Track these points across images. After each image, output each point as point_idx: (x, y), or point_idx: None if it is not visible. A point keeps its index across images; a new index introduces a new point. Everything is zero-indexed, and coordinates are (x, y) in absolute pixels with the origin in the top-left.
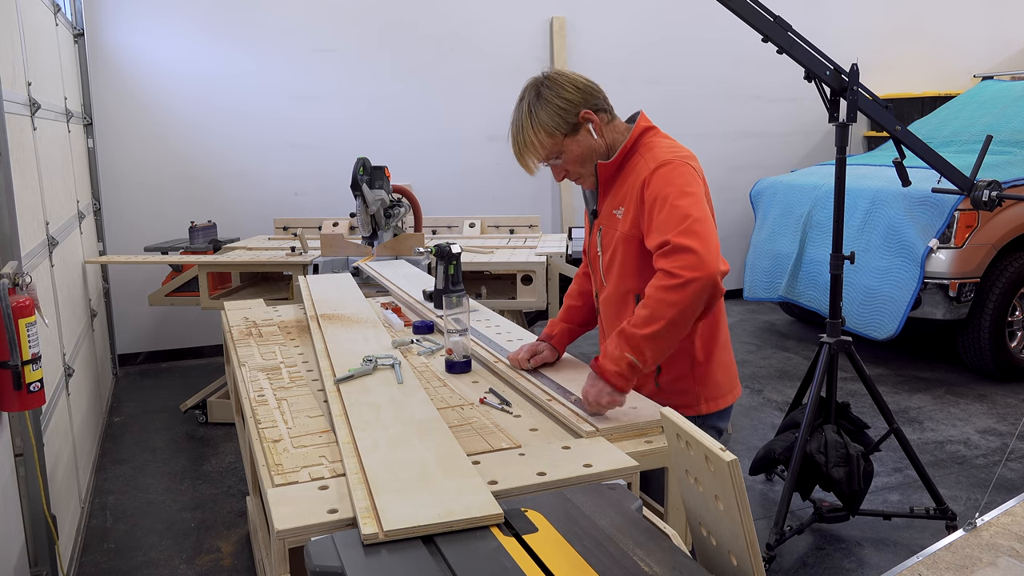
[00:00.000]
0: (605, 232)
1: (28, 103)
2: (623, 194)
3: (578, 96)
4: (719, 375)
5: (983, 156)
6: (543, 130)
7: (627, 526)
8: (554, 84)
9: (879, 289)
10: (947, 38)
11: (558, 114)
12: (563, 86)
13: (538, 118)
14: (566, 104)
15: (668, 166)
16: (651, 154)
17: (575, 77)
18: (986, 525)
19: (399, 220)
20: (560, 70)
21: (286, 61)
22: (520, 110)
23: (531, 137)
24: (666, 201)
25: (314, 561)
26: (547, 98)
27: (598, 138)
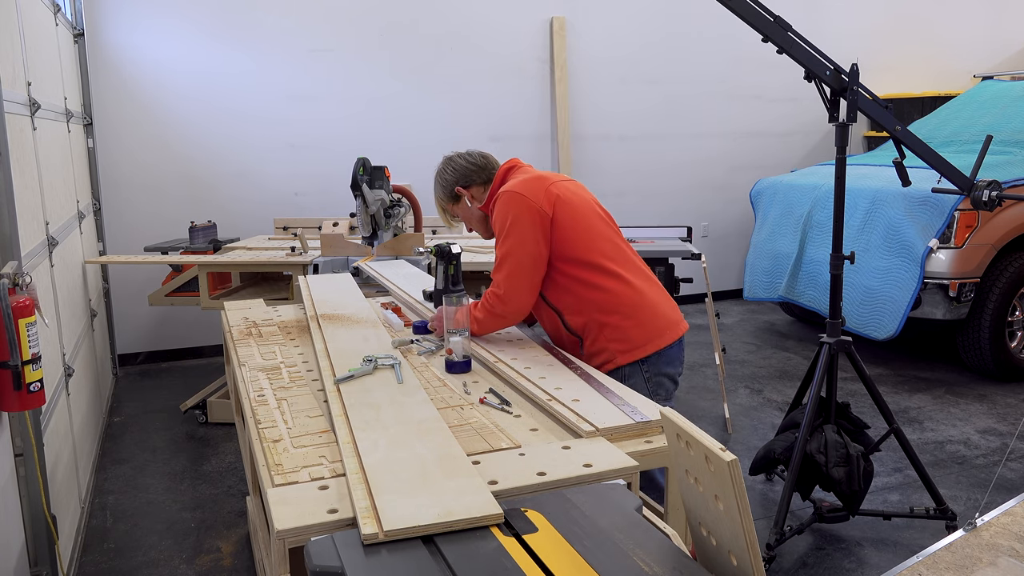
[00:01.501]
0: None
1: (28, 103)
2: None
3: (453, 177)
4: (630, 323)
5: (983, 156)
6: (438, 199)
7: (627, 526)
8: (443, 168)
9: (879, 289)
10: (947, 38)
11: (442, 187)
12: (445, 170)
13: (435, 191)
14: (444, 183)
15: (500, 198)
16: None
17: (456, 162)
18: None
19: (399, 220)
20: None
21: (286, 61)
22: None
23: (437, 204)
24: (499, 231)
25: (314, 561)
26: (436, 181)
27: (472, 203)
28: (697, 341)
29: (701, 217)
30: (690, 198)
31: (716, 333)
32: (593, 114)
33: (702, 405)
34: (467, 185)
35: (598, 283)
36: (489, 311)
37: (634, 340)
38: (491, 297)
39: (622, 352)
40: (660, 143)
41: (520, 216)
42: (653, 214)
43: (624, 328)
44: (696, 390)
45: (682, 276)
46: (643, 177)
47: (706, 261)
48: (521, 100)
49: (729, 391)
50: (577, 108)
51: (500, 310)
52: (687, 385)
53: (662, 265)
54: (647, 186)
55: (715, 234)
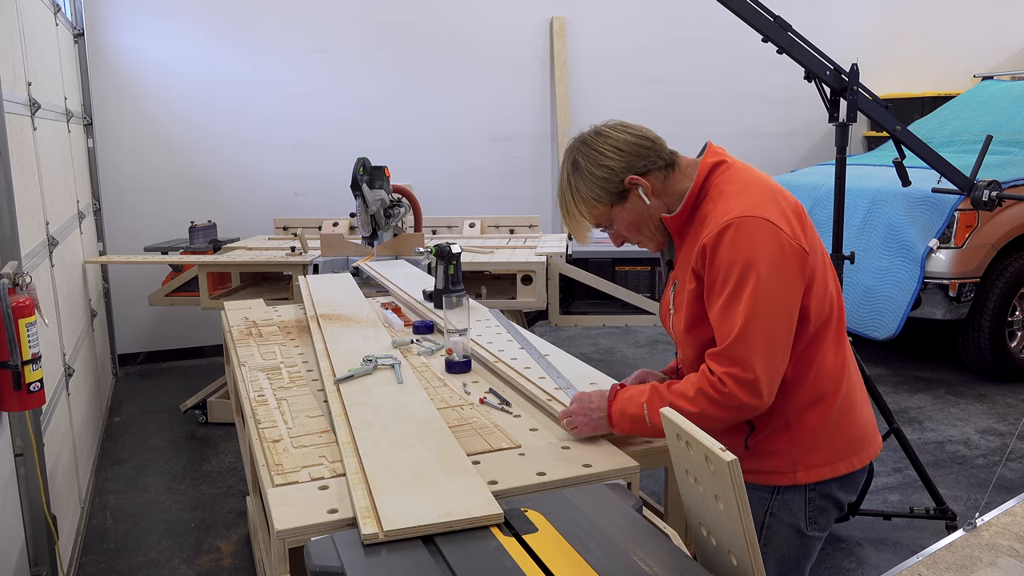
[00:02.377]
0: (679, 288)
1: (28, 103)
2: (690, 245)
3: (620, 162)
4: (822, 432)
5: (983, 156)
6: (583, 202)
7: (627, 526)
8: (593, 150)
9: (879, 289)
10: (947, 38)
11: (599, 185)
12: (603, 152)
13: (579, 190)
14: (607, 173)
15: (732, 229)
16: (721, 202)
17: (618, 137)
18: (986, 525)
19: (399, 220)
20: (604, 128)
21: (286, 61)
22: (562, 178)
23: (574, 209)
24: (727, 284)
25: (314, 561)
26: (585, 169)
27: (651, 201)
28: None
29: None
30: None
31: None
32: (593, 114)
33: None
34: (645, 172)
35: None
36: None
37: (825, 453)
38: (731, 381)
39: (804, 467)
40: None
41: (777, 261)
42: None
43: (822, 432)
44: None
45: None
46: None
47: None
48: (521, 100)
49: None
50: (577, 108)
51: (745, 399)
52: None
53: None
54: None
55: None
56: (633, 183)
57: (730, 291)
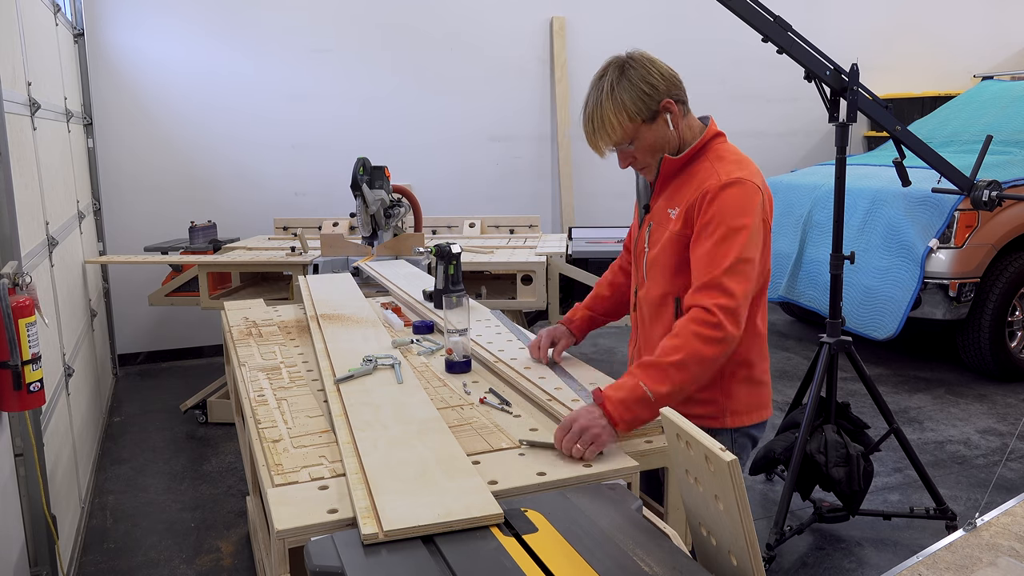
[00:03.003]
0: (655, 228)
1: (28, 103)
2: (681, 195)
3: (663, 83)
4: (745, 387)
5: (983, 156)
6: (625, 112)
7: (627, 526)
8: (640, 66)
9: (879, 289)
10: (947, 38)
11: (641, 98)
12: (649, 70)
13: (620, 99)
14: (650, 90)
15: (736, 187)
16: (721, 164)
17: (660, 63)
18: (986, 525)
19: (399, 220)
20: (645, 53)
21: (286, 61)
22: (600, 88)
23: (610, 117)
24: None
25: (314, 561)
26: (632, 79)
27: (673, 130)
28: None
29: None
30: None
31: None
32: None
33: None
34: (678, 101)
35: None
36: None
37: (746, 403)
38: (719, 310)
39: (731, 413)
40: None
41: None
42: None
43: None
44: None
45: None
46: None
47: None
48: (521, 100)
49: None
50: (577, 108)
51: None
52: None
53: None
54: None
55: None
56: (667, 107)
57: (722, 234)
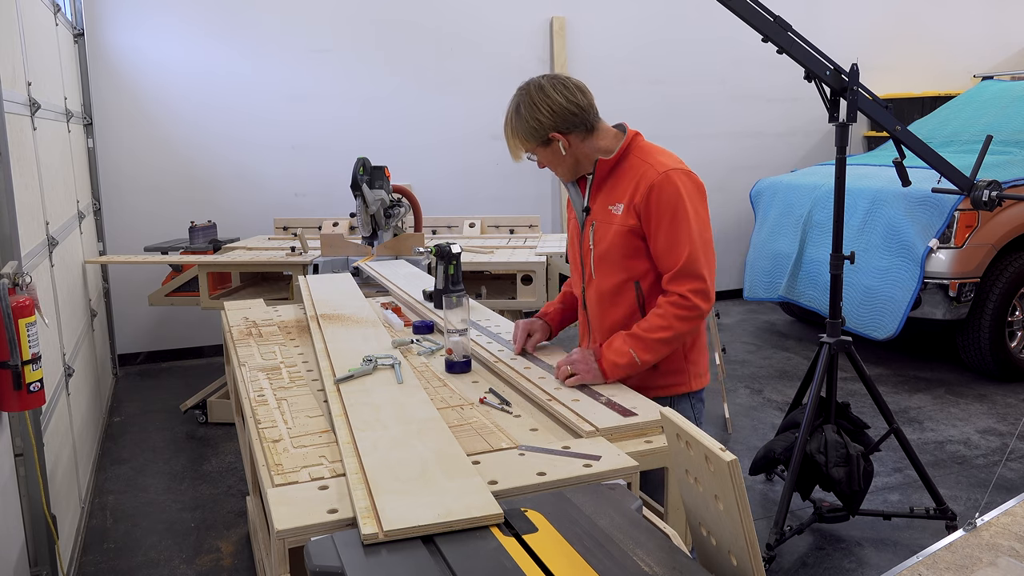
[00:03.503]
0: (599, 226)
1: (28, 103)
2: (620, 191)
3: (550, 120)
4: (700, 356)
5: (983, 156)
6: (519, 137)
7: (627, 526)
8: (531, 104)
9: (879, 289)
10: (947, 38)
11: (529, 131)
12: (539, 108)
13: (515, 126)
14: (536, 125)
15: (678, 173)
16: (652, 158)
17: (555, 101)
18: (986, 525)
19: (399, 220)
20: (548, 87)
21: (286, 61)
22: (508, 112)
23: (509, 137)
24: (677, 216)
25: (314, 561)
26: (522, 114)
27: (565, 154)
28: None
29: None
30: None
31: (716, 333)
32: None
33: None
34: (567, 131)
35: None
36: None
37: (699, 368)
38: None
39: (693, 376)
40: (660, 143)
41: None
42: None
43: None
44: None
45: None
46: None
47: None
48: None
49: (729, 391)
50: None
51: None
52: None
53: None
54: None
55: (715, 234)
56: (554, 138)
57: (678, 220)
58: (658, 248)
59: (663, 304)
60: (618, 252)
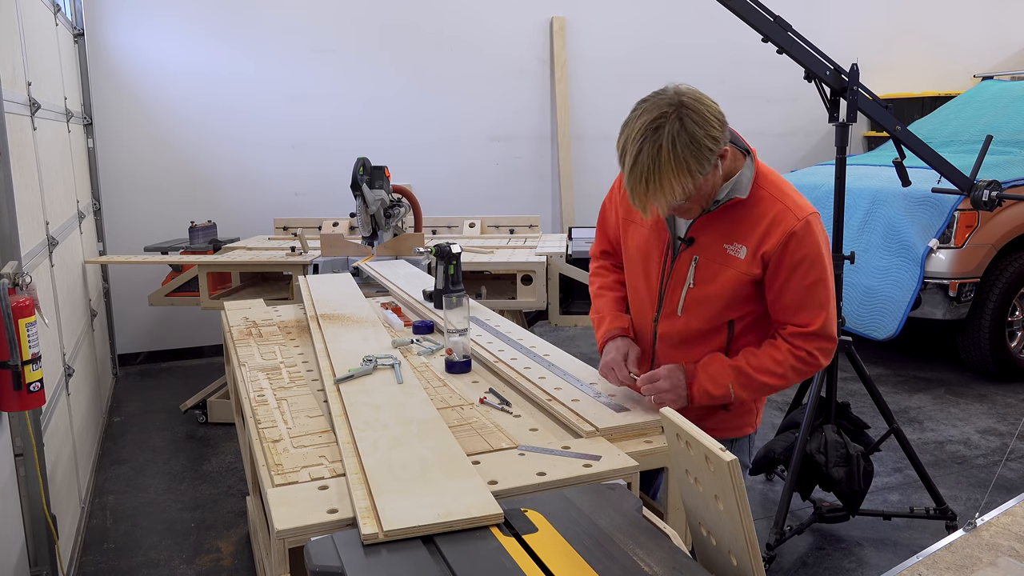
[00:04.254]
0: (706, 264)
1: (28, 103)
2: (744, 230)
3: (722, 131)
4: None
5: (983, 156)
6: (688, 175)
7: (627, 526)
8: (699, 115)
9: (879, 289)
10: (947, 38)
11: (706, 156)
12: (708, 120)
13: (684, 161)
14: (714, 144)
15: (816, 220)
16: (783, 195)
17: (715, 108)
18: (986, 525)
19: (399, 220)
20: (692, 91)
21: (286, 61)
22: (656, 144)
23: (671, 181)
24: (815, 273)
25: (314, 561)
26: (695, 135)
27: (721, 172)
28: None
29: None
30: None
31: None
32: (593, 114)
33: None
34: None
35: None
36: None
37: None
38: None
39: (759, 413)
40: None
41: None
42: None
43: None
44: None
45: None
46: None
47: None
48: (521, 100)
49: None
50: (577, 108)
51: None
52: None
53: None
54: None
55: None
56: (724, 154)
57: (816, 277)
58: (785, 302)
59: (784, 351)
60: (725, 300)
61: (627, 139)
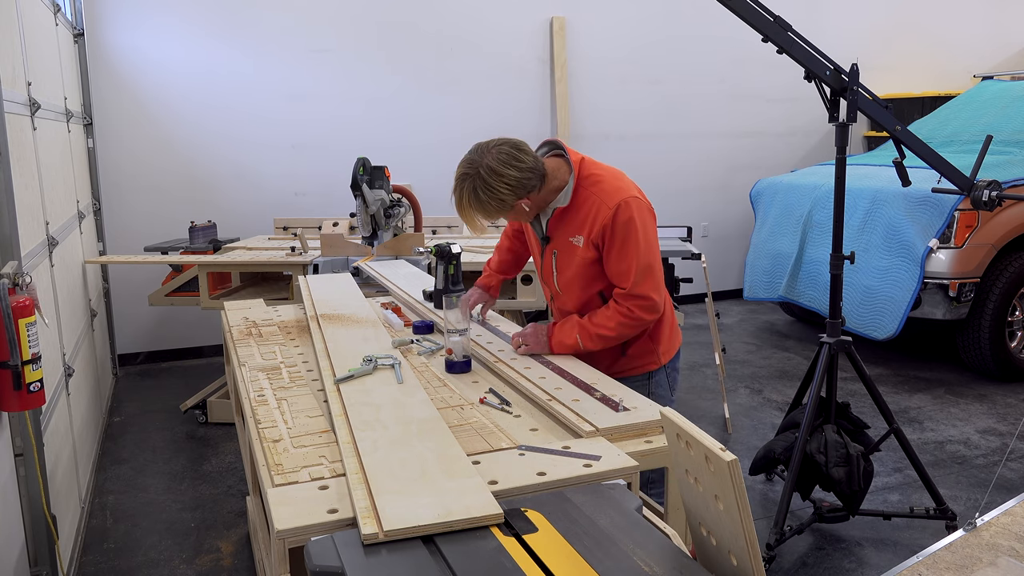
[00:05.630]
0: (561, 255)
1: (28, 103)
2: (578, 224)
3: (512, 194)
4: (665, 333)
5: (983, 156)
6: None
7: (627, 526)
8: (489, 187)
9: (879, 289)
10: (947, 38)
11: (495, 210)
12: (497, 189)
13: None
14: (500, 204)
15: (625, 204)
16: (602, 190)
17: (511, 177)
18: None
19: (399, 220)
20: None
21: (286, 61)
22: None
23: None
24: (628, 243)
25: (314, 561)
26: (483, 199)
27: (528, 210)
28: (697, 341)
29: (701, 217)
30: (690, 198)
31: (716, 333)
32: (593, 114)
33: (702, 405)
34: (527, 194)
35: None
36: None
37: (667, 343)
38: (639, 310)
39: (663, 353)
40: (660, 143)
41: (649, 223)
42: None
43: (667, 327)
44: (696, 390)
45: (682, 276)
46: (643, 177)
47: (706, 261)
48: (521, 100)
49: (729, 391)
50: (577, 108)
51: (649, 318)
52: (687, 385)
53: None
54: (647, 186)
55: (715, 234)
56: (518, 205)
57: (625, 249)
58: (611, 271)
59: (613, 309)
60: (582, 279)
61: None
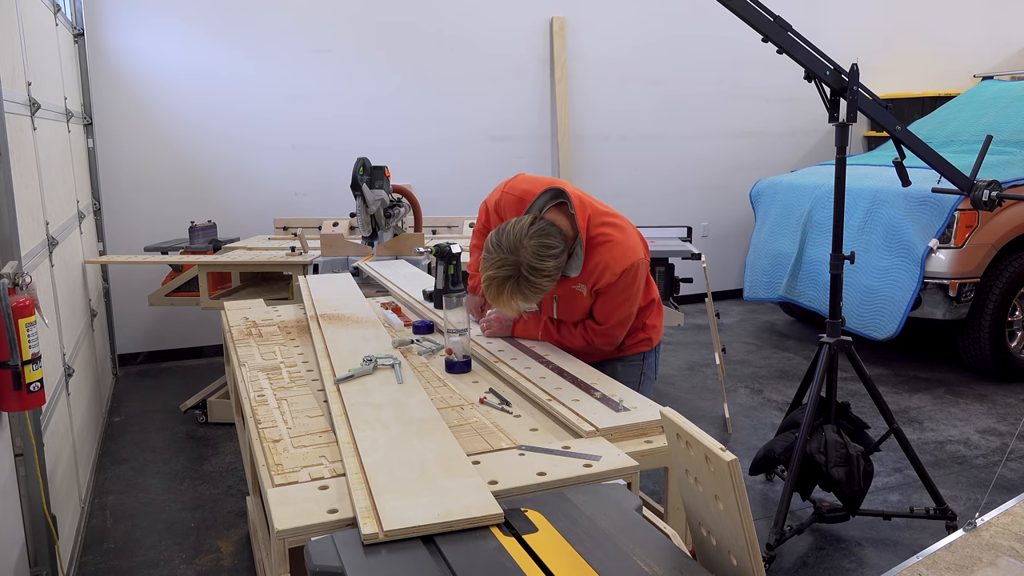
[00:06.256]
0: (563, 299)
1: (28, 103)
2: (584, 276)
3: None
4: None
5: (983, 156)
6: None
7: (627, 526)
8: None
9: (879, 289)
10: (947, 38)
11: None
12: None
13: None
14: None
15: (633, 270)
16: (609, 252)
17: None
18: (986, 525)
19: (399, 220)
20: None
21: (286, 61)
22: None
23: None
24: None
25: (314, 561)
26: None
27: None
28: (697, 341)
29: (701, 217)
30: (690, 198)
31: (716, 333)
32: (593, 114)
33: (702, 405)
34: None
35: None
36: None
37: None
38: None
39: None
40: (660, 143)
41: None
42: (653, 214)
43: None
44: (696, 390)
45: (682, 276)
46: (643, 177)
47: (706, 261)
48: (521, 100)
49: (729, 391)
50: (577, 108)
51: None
52: (687, 385)
53: (662, 265)
54: (647, 186)
55: (715, 234)
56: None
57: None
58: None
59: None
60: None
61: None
